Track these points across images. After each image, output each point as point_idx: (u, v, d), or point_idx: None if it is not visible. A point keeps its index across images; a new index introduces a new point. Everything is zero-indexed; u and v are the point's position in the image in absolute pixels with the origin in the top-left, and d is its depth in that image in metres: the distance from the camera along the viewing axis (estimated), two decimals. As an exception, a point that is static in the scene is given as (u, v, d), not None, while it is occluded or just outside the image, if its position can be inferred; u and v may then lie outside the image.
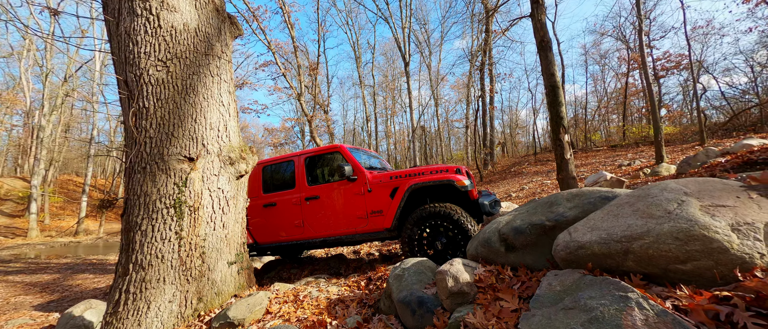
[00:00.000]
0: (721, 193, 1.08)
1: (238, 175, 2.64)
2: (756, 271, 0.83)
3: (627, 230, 1.12)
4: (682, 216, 1.01)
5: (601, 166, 11.48)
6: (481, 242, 1.90)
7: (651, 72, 17.36)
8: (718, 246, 0.90)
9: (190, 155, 2.31)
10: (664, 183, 1.21)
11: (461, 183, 2.81)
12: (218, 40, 2.63)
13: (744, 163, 3.44)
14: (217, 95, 2.56)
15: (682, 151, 10.80)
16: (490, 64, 18.48)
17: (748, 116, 13.86)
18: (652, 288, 1.01)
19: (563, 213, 1.63)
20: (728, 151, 4.62)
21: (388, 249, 5.31)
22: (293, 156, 3.63)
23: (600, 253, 1.18)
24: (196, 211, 2.28)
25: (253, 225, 3.59)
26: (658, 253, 1.01)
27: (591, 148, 18.02)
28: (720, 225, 0.94)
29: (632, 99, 21.18)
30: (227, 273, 2.42)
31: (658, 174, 6.12)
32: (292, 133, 25.89)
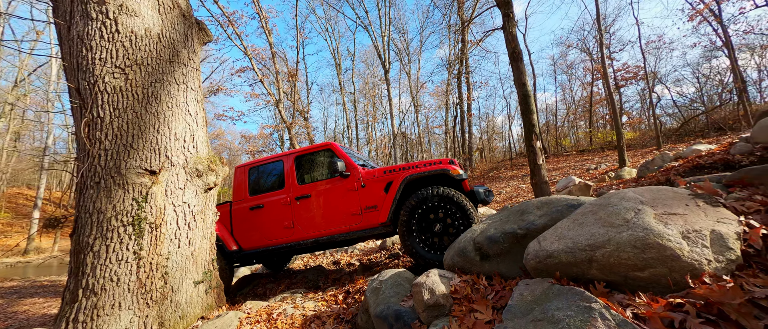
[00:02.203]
0: (673, 202, 1.15)
1: (207, 188, 2.50)
2: (705, 277, 0.88)
3: (590, 238, 1.16)
4: (638, 224, 1.06)
5: (571, 170, 12.11)
6: (457, 252, 1.91)
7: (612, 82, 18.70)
8: (671, 254, 0.95)
9: (152, 168, 2.16)
10: (622, 193, 1.27)
11: (456, 172, 2.84)
12: (185, 47, 2.51)
13: (694, 167, 3.75)
14: (183, 104, 2.43)
15: (641, 155, 11.63)
16: (467, 72, 19.11)
17: (696, 123, 15.20)
18: (614, 295, 1.04)
19: (533, 222, 1.67)
20: (681, 156, 5.02)
21: (368, 258, 5.24)
22: (282, 156, 3.50)
23: (567, 262, 1.21)
24: (158, 228, 2.12)
25: (238, 231, 3.39)
26: (619, 261, 1.05)
27: (562, 153, 18.99)
28: (672, 233, 0.99)
29: (597, 106, 22.63)
30: (193, 293, 2.26)
31: (621, 177, 6.53)
32: (270, 140, 25.21)
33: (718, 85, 17.69)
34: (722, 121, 13.85)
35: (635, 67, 19.40)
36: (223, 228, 3.39)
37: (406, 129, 28.79)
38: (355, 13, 20.33)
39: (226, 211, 3.50)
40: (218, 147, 30.61)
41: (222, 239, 3.25)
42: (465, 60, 17.98)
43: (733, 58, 15.00)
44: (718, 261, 0.92)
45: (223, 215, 3.47)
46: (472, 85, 20.39)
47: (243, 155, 26.92)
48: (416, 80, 25.04)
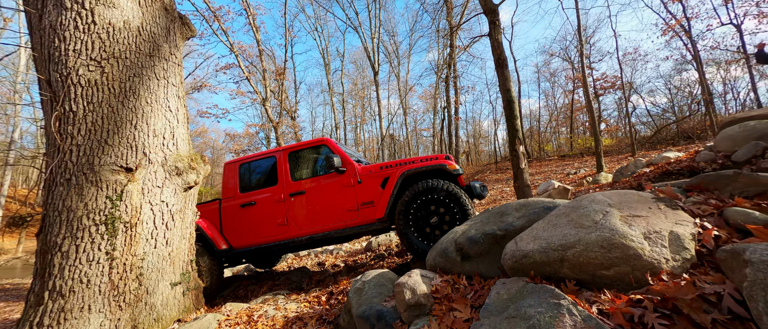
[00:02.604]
0: (637, 204, 1.22)
1: (187, 187, 2.44)
2: (662, 275, 0.94)
3: (562, 239, 1.22)
4: (606, 226, 1.12)
5: (553, 174, 12.53)
6: (439, 252, 1.94)
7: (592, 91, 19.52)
8: (634, 253, 1.02)
9: (128, 165, 2.08)
10: (593, 196, 1.34)
11: (453, 167, 2.88)
12: (166, 41, 2.44)
13: (663, 173, 3.96)
14: (163, 100, 2.36)
15: (617, 161, 12.19)
16: (455, 77, 19.44)
17: (668, 131, 16.07)
18: (583, 293, 1.10)
19: (512, 223, 1.73)
20: (652, 162, 5.29)
21: (353, 259, 5.23)
22: (274, 151, 3.43)
23: (540, 261, 1.26)
24: (134, 228, 2.05)
25: (228, 229, 3.29)
26: (587, 260, 1.11)
27: (544, 158, 19.62)
28: (635, 234, 1.06)
29: (578, 113, 23.54)
30: (170, 295, 2.19)
31: (598, 182, 6.83)
32: (256, 139, 24.70)
33: (687, 96, 18.81)
34: (691, 130, 14.72)
35: (613, 77, 20.33)
36: (212, 227, 3.28)
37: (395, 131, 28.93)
38: (345, 13, 20.28)
39: (215, 209, 3.38)
40: (201, 145, 29.71)
41: (211, 238, 3.14)
42: (453, 64, 18.30)
43: (701, 72, 15.99)
44: (675, 259, 0.99)
45: (212, 213, 3.36)
46: (459, 90, 20.75)
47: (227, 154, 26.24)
48: (405, 82, 25.22)
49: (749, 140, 3.73)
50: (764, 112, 4.11)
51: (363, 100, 29.78)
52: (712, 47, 16.89)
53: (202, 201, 3.66)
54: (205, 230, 3.15)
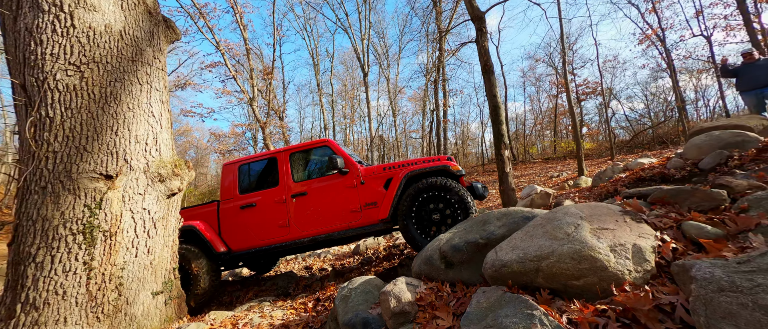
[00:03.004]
0: (606, 217, 1.31)
1: (170, 193, 2.39)
2: (625, 286, 1.02)
3: (538, 250, 1.29)
4: (577, 238, 1.20)
5: (537, 177, 12.91)
6: (424, 260, 1.99)
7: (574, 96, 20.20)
8: (601, 265, 1.09)
9: (108, 172, 2.03)
10: (567, 208, 1.42)
11: (456, 168, 2.94)
12: (150, 45, 2.39)
13: (637, 179, 4.17)
14: (146, 105, 2.31)
15: (598, 164, 12.67)
16: (444, 80, 19.70)
17: (644, 136, 16.82)
18: (556, 302, 1.17)
19: (493, 232, 1.80)
20: (628, 167, 5.55)
21: (341, 263, 5.23)
22: (275, 152, 3.40)
23: (518, 271, 1.33)
24: (114, 236, 2.00)
25: (227, 231, 3.22)
26: (560, 271, 1.18)
27: (529, 160, 20.15)
28: (602, 246, 1.14)
29: (561, 117, 24.31)
30: (151, 305, 2.15)
31: (578, 186, 7.09)
32: (242, 139, 24.21)
33: (663, 102, 19.78)
34: (665, 135, 15.47)
35: (594, 83, 21.11)
36: (210, 229, 3.22)
37: (384, 132, 29.00)
38: (334, 14, 20.20)
39: (213, 211, 3.32)
40: (185, 144, 28.86)
41: (209, 240, 3.08)
42: (442, 68, 18.55)
43: (675, 80, 16.83)
44: (637, 271, 1.07)
45: (209, 215, 3.30)
46: (448, 93, 21.04)
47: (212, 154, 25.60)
48: (395, 84, 25.35)
49: (714, 149, 3.98)
50: (728, 123, 4.40)
51: (353, 101, 29.72)
52: (685, 56, 17.82)
53: (199, 203, 3.59)
54: (203, 232, 3.09)
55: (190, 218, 3.28)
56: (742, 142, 3.77)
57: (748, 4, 12.87)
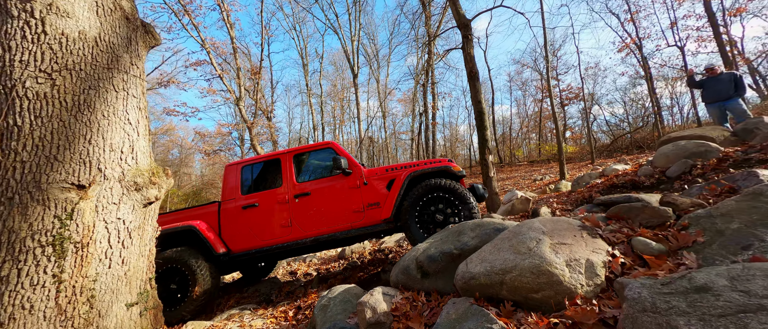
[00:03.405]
0: (565, 232, 1.39)
1: (147, 202, 2.36)
2: (577, 300, 1.10)
3: (503, 263, 1.36)
4: (537, 253, 1.28)
5: (521, 180, 13.23)
6: (401, 269, 2.05)
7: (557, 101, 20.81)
8: (557, 279, 1.17)
9: (80, 182, 1.99)
10: (531, 223, 1.50)
11: (457, 170, 3.05)
12: (127, 51, 2.35)
13: (610, 186, 4.38)
14: (122, 112, 2.27)
15: (579, 168, 13.10)
16: (433, 83, 19.93)
17: (623, 141, 17.50)
18: (517, 314, 1.24)
19: (467, 243, 1.87)
20: (604, 174, 5.79)
21: (326, 268, 5.23)
22: (278, 154, 3.44)
23: (485, 283, 1.40)
24: (86, 248, 1.96)
25: (228, 232, 3.19)
26: (521, 285, 1.25)
27: (515, 163, 20.61)
28: (559, 261, 1.22)
29: (546, 121, 25.01)
30: (125, 316, 2.11)
31: (559, 190, 7.33)
32: (229, 139, 23.72)
33: (641, 108, 20.66)
34: (642, 140, 16.15)
35: (577, 89, 21.80)
36: (210, 230, 3.19)
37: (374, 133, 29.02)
38: (324, 15, 20.12)
39: (214, 211, 3.30)
40: (167, 143, 28.03)
41: (209, 240, 3.05)
42: (431, 71, 18.75)
43: (651, 87, 17.59)
44: (588, 285, 1.15)
45: (210, 215, 3.28)
46: (437, 95, 21.28)
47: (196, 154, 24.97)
48: (385, 86, 25.42)
49: (680, 158, 4.21)
50: (693, 133, 4.66)
51: (342, 102, 29.61)
52: (661, 65, 18.67)
53: (200, 204, 3.56)
54: (203, 232, 3.05)
55: (190, 218, 3.27)
56: (704, 152, 4.00)
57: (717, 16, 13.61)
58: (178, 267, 2.95)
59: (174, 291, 2.97)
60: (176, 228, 3.10)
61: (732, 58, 13.08)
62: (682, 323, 0.65)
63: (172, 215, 3.39)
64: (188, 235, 3.12)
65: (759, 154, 3.39)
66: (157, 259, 3.00)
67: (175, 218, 3.33)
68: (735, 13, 14.19)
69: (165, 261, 2.95)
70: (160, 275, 2.91)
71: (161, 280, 2.91)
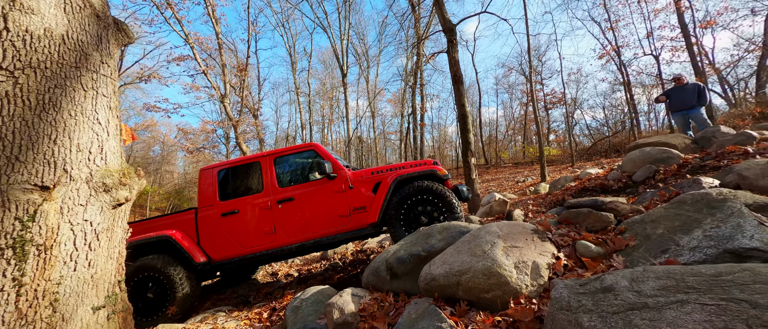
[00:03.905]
0: (518, 236, 1.48)
1: (116, 204, 2.32)
2: (521, 299, 1.19)
3: (461, 265, 1.44)
4: (489, 256, 1.36)
5: (505, 181, 13.56)
6: (372, 271, 2.11)
7: (542, 104, 21.36)
8: (504, 280, 1.25)
9: (44, 183, 1.94)
10: (489, 227, 1.58)
11: (442, 173, 3.09)
12: (97, 50, 2.30)
13: (582, 189, 4.59)
14: (90, 112, 2.23)
15: (560, 170, 13.54)
16: (421, 84, 20.11)
17: (603, 144, 18.17)
18: (470, 313, 1.31)
19: (434, 245, 1.95)
20: (578, 177, 6.04)
21: (308, 268, 5.24)
22: (258, 157, 3.33)
23: (444, 284, 1.47)
24: (49, 250, 1.92)
25: (207, 240, 3.10)
26: (474, 285, 1.33)
27: (501, 165, 21.05)
28: (508, 263, 1.30)
29: (531, 124, 25.66)
30: (91, 320, 2.08)
31: (538, 192, 7.58)
32: (213, 137, 23.17)
33: (620, 113, 21.51)
34: (620, 144, 16.83)
35: (561, 93, 22.48)
36: (188, 238, 3.10)
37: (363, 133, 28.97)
38: (313, 13, 19.95)
39: (191, 219, 3.19)
40: (149, 140, 27.13)
41: (187, 250, 2.97)
42: (420, 73, 18.92)
43: (630, 93, 18.33)
44: (532, 285, 1.24)
45: (187, 223, 3.17)
46: (425, 97, 21.48)
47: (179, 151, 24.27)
48: (374, 86, 25.44)
49: (645, 163, 4.45)
50: (658, 140, 4.93)
51: (331, 101, 29.43)
52: (638, 72, 19.49)
53: (180, 210, 3.46)
54: (179, 242, 2.96)
55: (165, 227, 3.16)
56: (667, 158, 4.25)
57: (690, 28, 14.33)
58: (155, 276, 2.89)
59: (152, 300, 2.91)
60: (150, 239, 3.01)
61: (702, 68, 13.81)
62: (586, 320, 0.73)
63: (148, 223, 3.28)
64: (165, 245, 3.05)
65: (713, 161, 3.63)
66: (132, 267, 2.94)
67: (150, 226, 3.23)
68: (706, 25, 14.99)
69: (139, 269, 2.88)
70: (136, 284, 2.85)
71: (137, 289, 2.86)
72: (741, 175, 1.78)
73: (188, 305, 2.94)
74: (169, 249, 3.06)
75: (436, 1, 7.67)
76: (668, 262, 1.02)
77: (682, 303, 0.65)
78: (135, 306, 2.89)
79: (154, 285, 2.92)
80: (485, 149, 24.04)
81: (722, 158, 3.67)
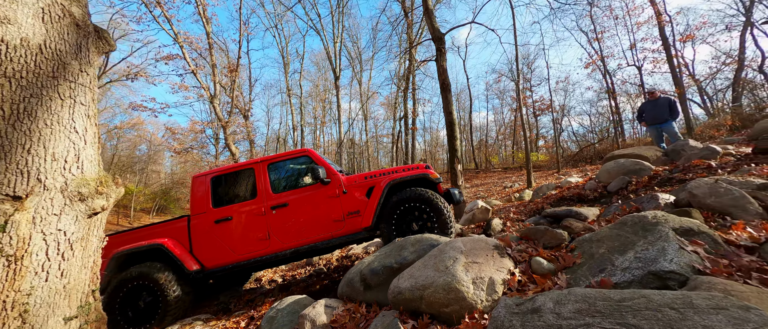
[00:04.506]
0: (480, 252, 1.56)
1: (92, 213, 2.31)
2: (475, 314, 1.26)
3: (425, 280, 1.51)
4: (450, 271, 1.43)
5: (493, 186, 13.78)
6: (346, 282, 2.16)
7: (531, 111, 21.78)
8: (462, 296, 1.33)
9: (16, 193, 1.94)
10: (455, 242, 1.66)
11: (435, 176, 3.14)
12: (76, 58, 2.30)
13: (560, 198, 4.74)
14: (67, 121, 2.22)
15: (546, 176, 13.84)
16: (414, 89, 20.29)
17: (589, 151, 18.66)
18: (431, 326, 1.38)
19: (406, 257, 2.02)
20: (559, 186, 6.22)
21: (292, 274, 5.24)
22: (252, 163, 3.34)
23: (409, 298, 1.54)
24: (19, 261, 1.91)
25: (200, 248, 3.09)
26: (436, 300, 1.40)
27: (490, 169, 21.37)
28: (467, 279, 1.38)
29: (521, 130, 26.11)
30: (63, 331, 2.06)
31: (522, 199, 7.75)
32: (202, 137, 22.82)
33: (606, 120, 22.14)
34: (604, 151, 17.32)
35: (549, 100, 23.01)
36: (180, 246, 3.08)
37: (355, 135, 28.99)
38: (307, 15, 19.94)
39: (184, 227, 3.17)
40: (135, 139, 26.53)
41: (179, 258, 2.95)
42: (412, 77, 19.11)
43: (615, 102, 18.90)
44: (487, 301, 1.32)
45: (179, 231, 3.16)
46: (417, 101, 21.68)
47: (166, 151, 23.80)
48: (367, 89, 25.53)
49: (619, 174, 4.63)
50: (632, 152, 5.14)
51: (324, 103, 29.37)
52: (623, 82, 20.13)
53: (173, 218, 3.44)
54: (172, 250, 2.95)
55: (157, 235, 3.14)
56: (639, 170, 4.43)
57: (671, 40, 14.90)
58: (148, 285, 2.87)
59: (143, 309, 2.89)
60: (142, 247, 3.00)
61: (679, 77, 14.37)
62: (511, 340, 0.81)
63: (140, 231, 3.26)
64: (157, 253, 3.04)
65: (680, 174, 3.82)
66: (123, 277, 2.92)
67: (142, 235, 3.21)
68: (685, 38, 15.64)
69: (129, 278, 2.87)
70: (128, 292, 2.83)
71: (130, 298, 2.85)
72: (691, 193, 1.91)
73: (181, 313, 2.93)
74: (162, 257, 3.05)
75: (426, 10, 7.82)
76: (602, 282, 1.11)
77: (587, 326, 0.73)
78: (125, 315, 2.88)
79: (146, 293, 2.91)
80: (475, 154, 24.35)
81: (688, 171, 3.87)
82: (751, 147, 4.28)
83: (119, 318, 2.83)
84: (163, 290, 2.83)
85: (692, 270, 1.02)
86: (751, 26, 13.31)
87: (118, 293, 2.87)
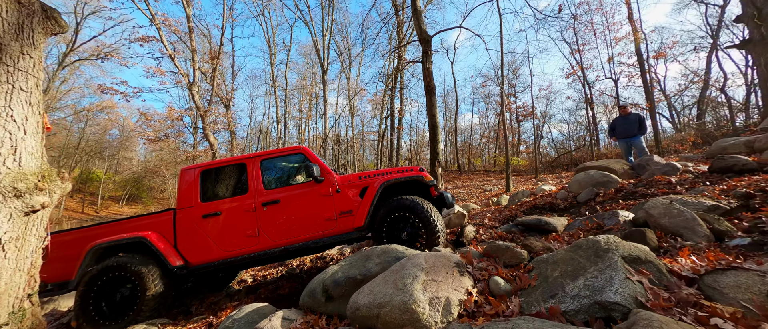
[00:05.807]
0: (441, 269, 1.54)
1: (30, 210, 2.11)
2: (428, 336, 1.23)
3: (383, 297, 1.47)
4: (408, 291, 1.40)
5: (474, 189, 14.04)
6: (308, 292, 2.09)
7: (515, 116, 22.32)
8: (417, 317, 1.30)
9: (-65, 188, 1.72)
10: (415, 258, 1.63)
11: (428, 179, 3.11)
12: (16, 40, 2.08)
13: (533, 206, 4.87)
14: (3, 108, 2.01)
15: (525, 181, 14.24)
16: (402, 88, 20.27)
17: (566, 158, 19.36)
18: (385, 345, 1.34)
19: (370, 269, 1.97)
20: (534, 193, 6.38)
21: (264, 274, 5.10)
22: (244, 158, 3.22)
23: (366, 315, 1.49)
24: (-64, 264, 1.70)
25: (185, 243, 2.94)
26: (391, 319, 1.36)
27: (473, 171, 21.77)
28: (423, 300, 1.35)
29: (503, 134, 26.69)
30: (-11, 340, 1.87)
31: (499, 203, 7.93)
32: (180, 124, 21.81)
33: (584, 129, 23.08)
34: (581, 158, 18.05)
35: (531, 107, 23.67)
36: (164, 240, 2.93)
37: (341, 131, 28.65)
38: (296, 5, 19.39)
39: (169, 220, 3.02)
40: (105, 123, 25.00)
41: (162, 253, 2.80)
42: (400, 76, 19.07)
43: (592, 112, 19.68)
44: (442, 322, 1.30)
45: (164, 225, 3.00)
46: (404, 100, 21.68)
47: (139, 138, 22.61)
48: (355, 85, 25.27)
49: (588, 185, 4.78)
50: (601, 164, 5.33)
51: (310, 97, 28.82)
52: (600, 93, 21.01)
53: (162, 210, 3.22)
54: (155, 243, 2.80)
55: (140, 228, 2.99)
56: (607, 182, 4.60)
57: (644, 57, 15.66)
58: (128, 277, 2.72)
59: (120, 303, 2.74)
60: (123, 240, 2.85)
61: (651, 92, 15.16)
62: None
63: (123, 223, 3.10)
64: (140, 247, 2.90)
65: (643, 188, 4.00)
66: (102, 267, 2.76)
67: (125, 227, 3.05)
68: (658, 56, 16.49)
69: (106, 269, 2.71)
70: (105, 283, 2.68)
71: (108, 290, 2.69)
72: (648, 213, 1.98)
73: (159, 309, 2.79)
74: (145, 251, 2.91)
75: (415, 11, 7.77)
76: (551, 310, 1.11)
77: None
78: (100, 309, 2.72)
79: (126, 285, 2.77)
80: (459, 155, 24.72)
81: (651, 186, 4.05)
82: (707, 165, 4.55)
83: (92, 312, 2.67)
84: (143, 283, 2.70)
85: (635, 302, 1.04)
86: (717, 49, 14.22)
87: (94, 284, 2.72)
